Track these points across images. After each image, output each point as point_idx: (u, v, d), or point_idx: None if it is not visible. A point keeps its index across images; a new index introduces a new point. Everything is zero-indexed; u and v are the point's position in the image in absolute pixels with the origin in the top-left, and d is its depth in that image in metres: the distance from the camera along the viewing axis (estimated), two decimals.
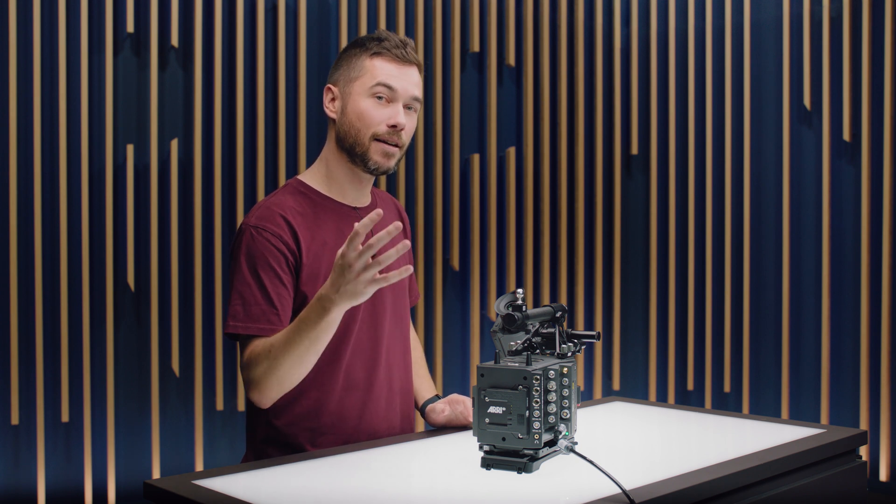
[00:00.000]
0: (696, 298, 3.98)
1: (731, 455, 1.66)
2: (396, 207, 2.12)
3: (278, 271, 1.79)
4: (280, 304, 1.79)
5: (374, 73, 1.86)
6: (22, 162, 3.22)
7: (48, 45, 3.26)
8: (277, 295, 1.79)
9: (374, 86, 1.86)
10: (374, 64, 1.87)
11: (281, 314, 1.79)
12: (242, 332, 1.77)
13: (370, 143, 1.86)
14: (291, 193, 1.90)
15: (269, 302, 1.78)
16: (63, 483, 3.28)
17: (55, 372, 3.25)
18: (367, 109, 1.86)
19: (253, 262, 1.80)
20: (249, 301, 1.78)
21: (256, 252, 1.80)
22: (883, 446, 3.57)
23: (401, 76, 1.87)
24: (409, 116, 1.90)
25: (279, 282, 1.79)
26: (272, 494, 1.46)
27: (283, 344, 1.71)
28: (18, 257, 3.19)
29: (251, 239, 1.81)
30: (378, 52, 1.88)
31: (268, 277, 1.78)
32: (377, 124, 1.86)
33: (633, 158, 4.07)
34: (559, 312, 1.67)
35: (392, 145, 1.87)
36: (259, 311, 1.77)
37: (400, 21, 3.75)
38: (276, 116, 3.55)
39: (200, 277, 3.41)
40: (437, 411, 1.97)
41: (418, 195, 3.78)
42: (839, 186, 3.73)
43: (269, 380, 1.74)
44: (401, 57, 1.88)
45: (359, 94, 1.87)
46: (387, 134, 1.86)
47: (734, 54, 3.93)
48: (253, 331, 1.76)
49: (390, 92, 1.87)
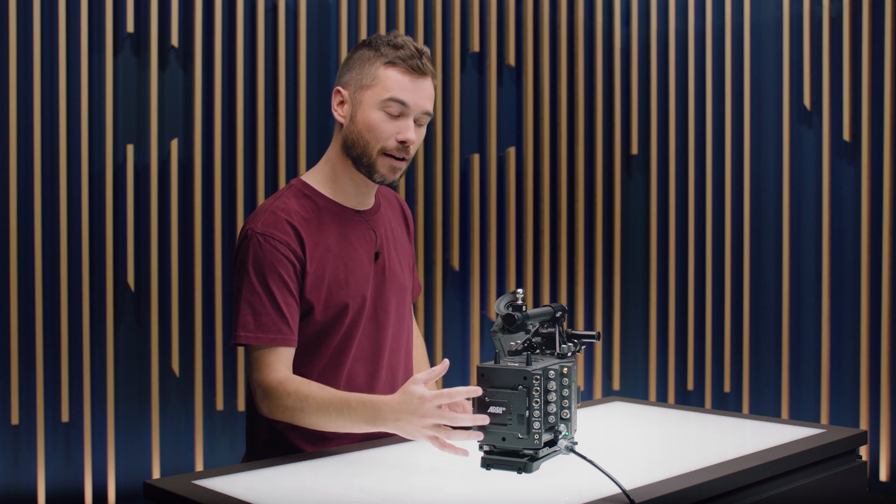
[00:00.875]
0: (696, 298, 3.98)
1: (731, 455, 1.66)
2: (400, 205, 2.10)
3: (286, 279, 1.77)
4: (289, 313, 1.77)
5: (387, 86, 1.80)
6: (22, 162, 3.22)
7: (48, 45, 3.25)
8: (286, 304, 1.77)
9: (387, 100, 1.80)
10: (389, 75, 1.80)
11: (290, 323, 1.77)
12: (254, 342, 1.75)
13: (378, 157, 1.82)
14: (295, 196, 1.88)
15: (279, 312, 1.76)
16: (63, 483, 3.28)
17: (55, 372, 3.25)
18: (377, 122, 1.81)
19: (261, 270, 1.77)
20: (259, 311, 1.76)
21: (264, 260, 1.78)
22: (883, 446, 3.57)
23: (415, 90, 1.81)
24: (419, 130, 1.85)
25: (287, 291, 1.78)
26: (272, 494, 1.46)
27: (317, 408, 1.67)
28: (18, 257, 3.19)
29: (258, 246, 1.79)
30: (393, 62, 1.80)
31: (276, 286, 1.76)
32: (386, 139, 1.81)
33: (633, 158, 4.07)
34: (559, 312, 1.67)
35: (399, 159, 1.84)
36: (269, 322, 1.75)
37: (400, 21, 3.75)
38: (276, 116, 3.55)
39: (200, 277, 3.41)
40: None
41: (418, 195, 3.78)
42: (839, 186, 3.73)
43: (287, 417, 1.73)
44: (416, 69, 1.81)
45: (370, 104, 1.82)
46: (395, 149, 1.82)
47: (734, 54, 3.93)
48: (265, 342, 1.75)
49: (403, 107, 1.80)
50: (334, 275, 1.84)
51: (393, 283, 1.94)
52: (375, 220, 1.95)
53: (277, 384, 1.73)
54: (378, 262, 1.91)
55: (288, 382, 1.72)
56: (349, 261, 1.86)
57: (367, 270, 1.88)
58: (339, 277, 1.84)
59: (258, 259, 1.78)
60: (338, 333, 1.85)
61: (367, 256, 1.89)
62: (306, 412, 1.69)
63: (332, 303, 1.83)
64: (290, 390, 1.71)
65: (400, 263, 1.98)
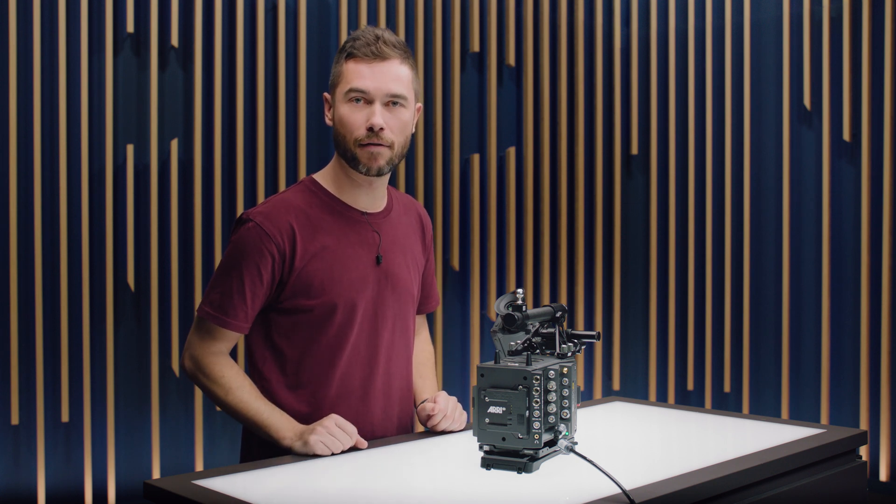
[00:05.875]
0: (696, 298, 3.99)
1: (731, 455, 1.66)
2: (418, 213, 2.08)
3: (261, 270, 1.81)
4: (252, 303, 1.83)
5: (347, 78, 1.84)
6: (22, 162, 3.22)
7: (48, 45, 3.26)
8: (253, 294, 1.82)
9: (348, 91, 1.83)
10: (348, 67, 1.84)
11: (249, 312, 1.84)
12: (211, 320, 1.84)
13: (356, 149, 1.83)
14: (302, 192, 1.90)
15: (242, 299, 1.82)
16: (63, 483, 3.28)
17: (55, 372, 3.25)
18: (345, 115, 1.84)
19: (241, 256, 1.82)
20: (226, 292, 1.82)
21: (246, 248, 1.82)
22: (883, 446, 3.57)
23: (373, 75, 1.82)
24: (394, 113, 1.84)
25: (259, 281, 1.82)
26: (272, 494, 1.46)
27: (235, 407, 1.83)
28: (18, 257, 3.19)
29: (247, 232, 1.82)
30: (350, 54, 1.84)
31: (249, 275, 1.81)
32: (357, 128, 1.83)
33: (633, 158, 4.07)
34: (559, 312, 1.67)
35: (376, 145, 1.83)
36: (229, 305, 1.82)
37: (400, 21, 3.75)
38: (276, 116, 3.56)
39: (200, 277, 3.41)
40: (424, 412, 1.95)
41: (418, 195, 3.78)
42: (839, 186, 3.73)
43: (205, 393, 1.90)
44: (373, 55, 1.82)
45: (339, 100, 1.86)
46: (366, 137, 1.83)
47: (734, 54, 3.93)
48: (219, 322, 1.83)
49: (363, 94, 1.82)
50: (328, 272, 1.83)
51: (395, 288, 1.92)
52: (382, 223, 1.93)
53: (212, 364, 1.86)
54: (380, 266, 1.90)
55: (221, 367, 1.86)
56: (346, 260, 1.86)
57: (365, 272, 1.87)
58: (332, 276, 1.83)
59: (243, 244, 1.83)
60: (329, 332, 1.84)
61: (368, 259, 1.89)
62: (225, 404, 1.85)
63: (322, 299, 1.83)
64: (223, 373, 1.85)
65: (407, 270, 1.96)
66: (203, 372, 1.86)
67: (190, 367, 1.88)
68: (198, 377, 1.87)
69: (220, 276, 1.85)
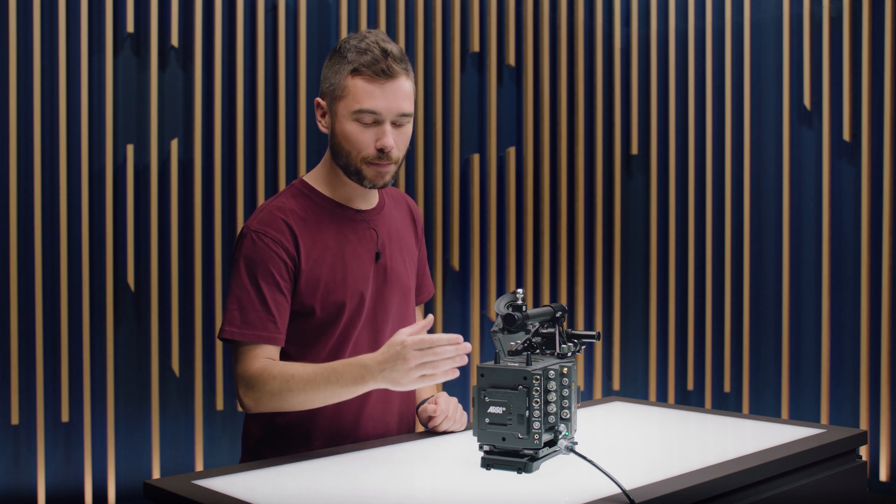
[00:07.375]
0: (696, 298, 3.98)
1: (731, 455, 1.66)
2: (408, 204, 2.08)
3: (277, 278, 1.78)
4: (277, 312, 1.78)
5: (355, 96, 1.78)
6: (22, 162, 3.22)
7: (48, 45, 3.26)
8: (275, 302, 1.78)
9: (357, 111, 1.78)
10: (356, 84, 1.78)
11: (278, 322, 1.78)
12: (239, 338, 1.77)
13: (361, 165, 1.82)
14: (294, 196, 1.88)
15: (267, 309, 1.77)
16: (63, 483, 3.28)
17: (55, 372, 3.25)
18: (353, 133, 1.80)
19: (253, 267, 1.79)
20: (247, 307, 1.77)
21: (257, 258, 1.79)
22: (883, 446, 3.57)
23: (384, 95, 1.78)
24: (400, 131, 1.83)
25: (277, 289, 1.78)
26: (272, 494, 1.46)
27: (304, 383, 1.70)
28: (18, 257, 3.19)
29: (252, 244, 1.80)
30: (358, 71, 1.78)
31: (266, 284, 1.77)
32: (365, 147, 1.80)
33: (633, 158, 4.07)
34: (559, 312, 1.67)
35: (385, 164, 1.82)
36: (256, 318, 1.76)
37: (400, 21, 3.75)
38: (276, 116, 3.55)
39: (200, 277, 3.41)
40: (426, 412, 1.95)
41: (418, 195, 3.78)
42: (839, 186, 3.73)
43: (274, 403, 1.74)
44: (382, 73, 1.77)
45: (343, 116, 1.81)
46: (375, 157, 1.80)
47: (734, 54, 3.93)
48: (249, 338, 1.76)
49: (374, 115, 1.78)
50: (332, 274, 1.83)
51: (394, 284, 1.93)
52: (377, 219, 1.94)
53: (260, 371, 1.75)
54: (379, 262, 1.91)
55: (271, 367, 1.75)
56: (348, 260, 1.86)
57: (366, 270, 1.88)
58: (336, 276, 1.84)
59: (251, 256, 1.79)
60: (334, 332, 1.84)
61: (368, 256, 1.89)
62: (294, 391, 1.71)
63: (329, 301, 1.83)
64: (274, 374, 1.73)
65: (404, 264, 1.97)
66: (256, 387, 1.73)
67: (251, 398, 1.75)
68: (258, 397, 1.74)
69: (236, 293, 1.79)
